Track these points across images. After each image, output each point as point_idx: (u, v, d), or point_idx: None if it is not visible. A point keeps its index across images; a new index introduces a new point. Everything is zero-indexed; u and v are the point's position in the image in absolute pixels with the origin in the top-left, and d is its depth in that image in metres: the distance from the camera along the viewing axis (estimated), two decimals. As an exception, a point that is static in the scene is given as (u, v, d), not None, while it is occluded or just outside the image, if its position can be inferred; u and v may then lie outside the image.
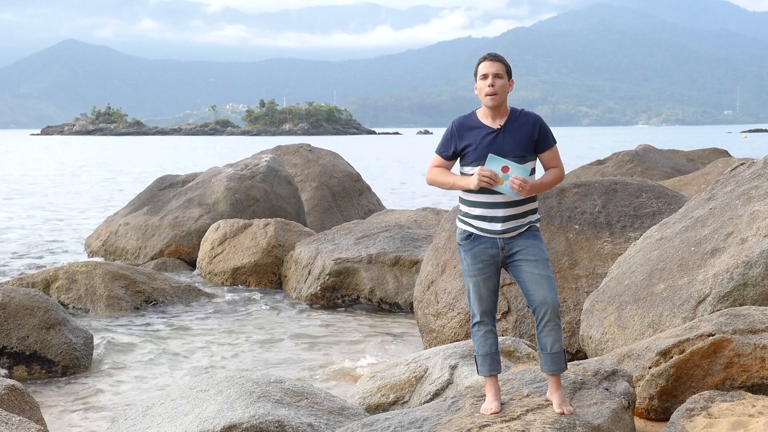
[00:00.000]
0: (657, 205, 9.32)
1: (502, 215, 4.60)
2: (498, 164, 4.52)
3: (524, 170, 4.54)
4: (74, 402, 7.75)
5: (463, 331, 8.83)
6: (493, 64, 4.64)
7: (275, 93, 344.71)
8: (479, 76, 4.67)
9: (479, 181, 4.52)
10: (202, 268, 13.63)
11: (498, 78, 4.61)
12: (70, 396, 7.94)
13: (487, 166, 4.52)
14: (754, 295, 6.14)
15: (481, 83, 4.65)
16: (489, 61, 4.65)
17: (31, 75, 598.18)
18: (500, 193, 4.57)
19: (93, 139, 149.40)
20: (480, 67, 4.67)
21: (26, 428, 4.81)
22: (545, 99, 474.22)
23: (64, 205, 28.94)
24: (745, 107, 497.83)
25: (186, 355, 9.40)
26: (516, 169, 4.52)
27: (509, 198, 4.58)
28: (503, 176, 4.52)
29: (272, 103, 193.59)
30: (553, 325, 4.60)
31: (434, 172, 4.76)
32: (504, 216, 4.60)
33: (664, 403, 5.42)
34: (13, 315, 8.84)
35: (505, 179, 4.51)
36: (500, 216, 4.60)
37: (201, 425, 5.29)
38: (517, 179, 4.49)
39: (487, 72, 4.63)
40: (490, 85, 4.60)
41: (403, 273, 11.69)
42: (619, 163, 18.60)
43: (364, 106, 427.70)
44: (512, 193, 4.53)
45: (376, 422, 4.93)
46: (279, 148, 19.65)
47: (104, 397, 7.91)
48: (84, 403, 7.73)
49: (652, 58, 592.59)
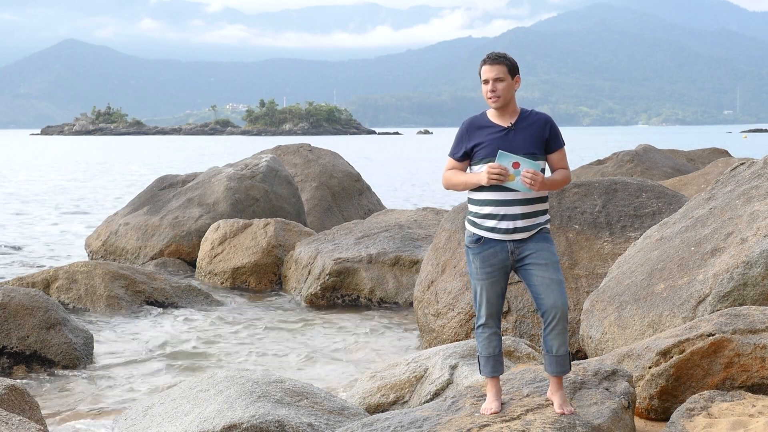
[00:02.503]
0: (657, 205, 9.32)
1: (513, 213, 4.54)
2: (508, 160, 4.47)
3: (536, 165, 4.48)
4: (74, 402, 7.75)
5: (464, 331, 8.82)
6: (492, 68, 4.59)
7: (275, 93, 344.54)
8: (482, 80, 4.65)
9: (489, 177, 4.48)
10: (202, 268, 13.62)
11: (499, 81, 4.58)
12: (70, 396, 7.94)
13: (497, 162, 4.48)
14: (754, 295, 6.14)
15: (483, 87, 4.63)
16: (488, 65, 4.61)
17: (31, 75, 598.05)
18: (511, 191, 4.50)
19: (93, 139, 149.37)
20: (481, 71, 4.65)
21: (26, 428, 4.81)
22: (545, 99, 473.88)
23: (64, 205, 28.93)
24: (745, 107, 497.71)
25: (186, 355, 9.40)
26: (527, 165, 4.46)
27: (520, 195, 4.52)
28: (514, 172, 4.45)
29: (272, 103, 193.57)
30: (561, 329, 4.58)
31: (448, 174, 4.71)
32: (515, 214, 4.54)
33: (664, 403, 5.42)
34: (13, 315, 8.84)
35: (516, 175, 4.45)
36: (511, 214, 4.54)
37: (201, 425, 5.29)
38: (529, 172, 4.43)
39: (487, 77, 4.60)
40: (491, 90, 4.59)
41: (403, 273, 11.69)
42: (619, 163, 18.61)
43: (364, 106, 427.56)
44: (524, 189, 4.46)
45: (376, 422, 4.93)
46: (279, 148, 19.64)
47: (104, 397, 7.91)
48: (84, 403, 7.73)
49: (652, 58, 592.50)
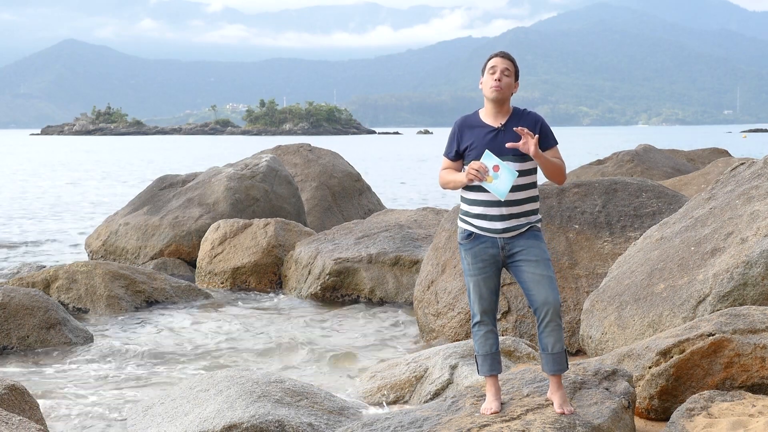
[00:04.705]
0: (657, 204, 9.32)
1: (501, 214, 4.61)
2: (491, 162, 4.53)
3: (513, 173, 4.53)
4: (74, 402, 7.74)
5: (463, 331, 8.83)
6: (504, 60, 4.69)
7: (275, 93, 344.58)
8: (488, 69, 4.70)
9: (467, 173, 4.56)
10: (202, 268, 13.62)
11: (506, 75, 4.66)
12: (70, 395, 7.93)
13: (482, 160, 4.55)
14: (754, 294, 6.14)
15: (488, 77, 4.67)
16: (500, 58, 4.71)
17: (31, 75, 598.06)
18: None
19: (93, 139, 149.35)
20: (490, 61, 4.72)
21: (26, 428, 4.81)
22: (545, 99, 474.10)
23: (64, 205, 28.93)
24: (745, 107, 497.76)
25: (186, 355, 9.39)
26: (505, 169, 4.51)
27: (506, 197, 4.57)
28: (493, 175, 4.52)
29: (272, 103, 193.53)
30: (554, 326, 4.60)
31: (442, 174, 4.80)
32: (503, 215, 4.61)
33: (664, 403, 5.42)
34: (13, 315, 8.84)
35: (494, 178, 4.52)
36: (499, 215, 4.61)
37: (201, 425, 5.29)
38: (524, 130, 4.51)
39: (497, 66, 4.67)
40: (497, 79, 4.64)
41: (403, 273, 11.69)
42: (619, 163, 18.60)
43: (364, 106, 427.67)
44: (498, 193, 4.53)
45: (376, 422, 4.93)
46: (279, 148, 19.63)
47: (104, 397, 7.91)
48: (84, 403, 7.72)
49: (652, 58, 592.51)
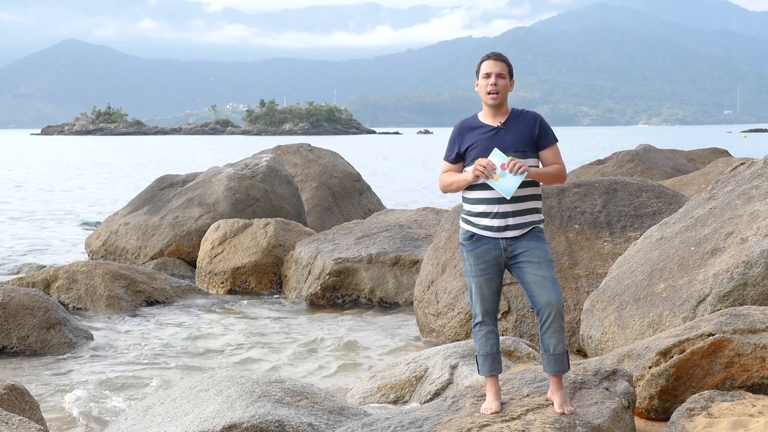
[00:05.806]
0: (657, 204, 9.32)
1: (505, 210, 4.60)
2: (500, 160, 4.53)
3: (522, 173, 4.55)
4: (74, 402, 7.74)
5: (463, 331, 8.83)
6: (497, 63, 4.67)
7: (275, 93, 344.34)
8: (482, 74, 4.69)
9: (474, 169, 4.55)
10: (202, 268, 13.62)
11: (500, 78, 4.65)
12: (70, 396, 7.93)
13: (490, 158, 4.55)
14: (754, 294, 6.15)
15: (483, 82, 4.67)
16: (492, 60, 4.68)
17: (31, 75, 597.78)
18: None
19: (93, 139, 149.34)
20: (483, 65, 4.70)
21: (26, 428, 4.81)
22: (545, 99, 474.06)
23: (64, 205, 28.93)
24: (745, 107, 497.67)
25: (186, 354, 9.40)
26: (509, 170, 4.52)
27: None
28: (500, 173, 4.52)
29: (272, 103, 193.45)
30: (556, 327, 4.60)
31: (443, 177, 4.79)
32: (507, 212, 4.60)
33: (664, 403, 5.42)
34: (13, 315, 8.84)
35: (501, 176, 4.52)
36: (503, 211, 4.60)
37: (201, 425, 5.28)
38: (514, 160, 4.52)
39: (491, 71, 4.66)
40: (493, 84, 4.64)
41: (403, 273, 11.69)
42: (619, 163, 18.61)
43: (364, 106, 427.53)
44: (505, 192, 4.53)
45: (376, 422, 4.93)
46: (279, 148, 19.64)
47: (104, 397, 7.91)
48: (84, 402, 7.72)
49: (652, 58, 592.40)
